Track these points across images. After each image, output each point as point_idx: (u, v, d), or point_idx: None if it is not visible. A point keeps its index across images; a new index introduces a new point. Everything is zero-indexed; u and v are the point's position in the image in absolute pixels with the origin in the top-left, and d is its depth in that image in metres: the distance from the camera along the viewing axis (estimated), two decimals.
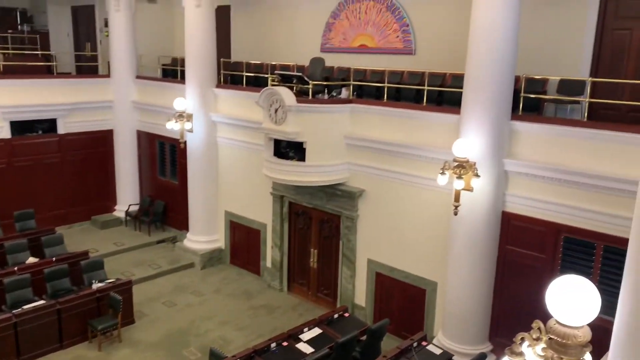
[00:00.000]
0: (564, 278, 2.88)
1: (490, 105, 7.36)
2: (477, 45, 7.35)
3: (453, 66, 9.45)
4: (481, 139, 7.46)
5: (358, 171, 9.62)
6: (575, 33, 8.54)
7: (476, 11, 7.33)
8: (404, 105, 9.12)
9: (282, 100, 9.39)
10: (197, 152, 12.26)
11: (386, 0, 10.97)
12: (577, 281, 2.83)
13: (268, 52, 13.25)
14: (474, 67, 7.42)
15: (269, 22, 13.44)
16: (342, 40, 11.96)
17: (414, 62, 10.62)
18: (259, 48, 13.64)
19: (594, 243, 7.23)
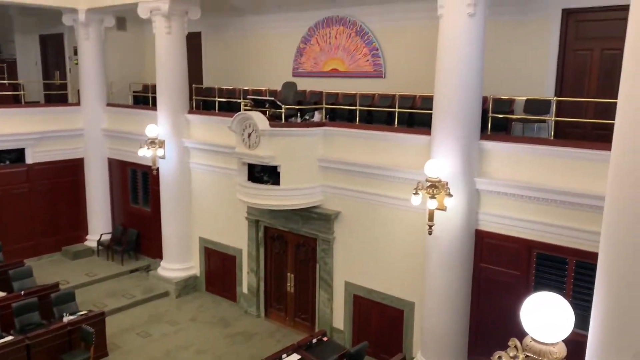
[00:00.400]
0: (537, 295, 2.91)
1: (459, 126, 7.49)
2: (444, 68, 7.51)
3: (422, 88, 9.62)
4: (452, 158, 7.56)
5: (333, 193, 9.64)
6: (539, 54, 8.81)
7: (442, 35, 7.51)
8: (375, 128, 9.22)
9: (255, 124, 9.39)
10: (169, 179, 12.13)
11: (355, 26, 11.18)
12: (550, 298, 2.86)
13: (240, 77, 13.30)
14: (442, 89, 7.56)
15: (240, 48, 13.52)
16: (313, 65, 12.09)
17: (385, 85, 10.79)
18: (231, 73, 13.68)
19: (565, 258, 7.34)
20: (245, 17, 13.21)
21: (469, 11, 7.20)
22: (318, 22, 11.80)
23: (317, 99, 10.96)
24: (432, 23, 8.22)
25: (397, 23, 10.60)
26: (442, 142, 7.62)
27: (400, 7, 10.42)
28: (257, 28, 13.08)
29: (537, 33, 8.80)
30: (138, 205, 14.01)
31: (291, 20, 12.28)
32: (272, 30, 12.80)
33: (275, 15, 12.57)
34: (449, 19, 7.41)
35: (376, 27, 10.93)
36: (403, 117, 9.43)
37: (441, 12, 7.45)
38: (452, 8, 7.33)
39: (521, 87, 8.82)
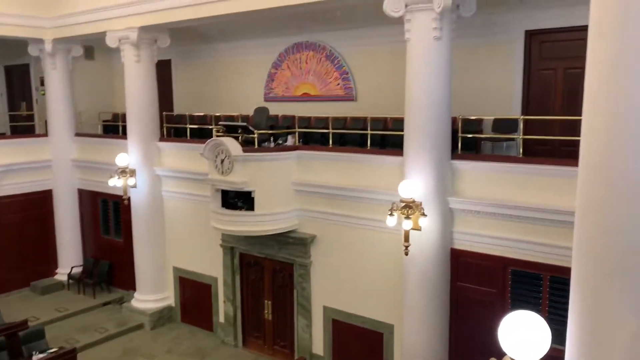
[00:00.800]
0: (514, 315, 2.92)
1: (430, 146, 7.58)
2: (413, 90, 7.63)
3: (393, 110, 9.74)
4: (425, 179, 7.63)
5: (308, 217, 9.60)
6: (505, 75, 9.04)
7: (410, 59, 7.65)
8: (349, 150, 9.28)
9: (227, 150, 9.35)
10: (141, 208, 11.94)
11: (325, 50, 11.31)
12: (526, 317, 2.87)
13: (211, 104, 13.29)
14: (412, 111, 7.67)
15: (211, 74, 13.53)
16: (285, 90, 12.16)
17: (356, 108, 10.90)
18: (202, 100, 13.65)
19: (540, 274, 7.42)
20: (215, 44, 13.26)
21: (435, 35, 7.36)
22: (288, 47, 11.91)
23: (289, 123, 10.99)
24: (400, 47, 8.37)
25: (366, 47, 10.77)
26: (414, 162, 7.69)
27: (368, 32, 10.61)
28: (227, 54, 13.12)
29: (503, 54, 9.04)
30: (110, 236, 13.71)
31: (261, 46, 12.38)
32: (243, 56, 12.86)
33: (244, 42, 12.65)
34: (416, 43, 7.55)
35: (345, 51, 11.09)
36: (375, 139, 9.51)
37: (408, 36, 7.60)
38: (419, 32, 7.49)
39: (489, 107, 9.01)
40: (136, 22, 11.13)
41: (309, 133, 10.52)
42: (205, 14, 9.91)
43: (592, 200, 3.28)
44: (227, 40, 12.94)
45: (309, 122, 11.12)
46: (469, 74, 9.32)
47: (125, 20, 11.30)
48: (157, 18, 10.77)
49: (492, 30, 9.10)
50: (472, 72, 9.32)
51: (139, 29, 11.15)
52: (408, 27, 7.57)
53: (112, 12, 11.47)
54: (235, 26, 12.00)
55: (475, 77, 9.31)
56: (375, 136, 9.47)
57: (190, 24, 10.82)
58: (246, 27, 12.07)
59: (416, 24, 7.48)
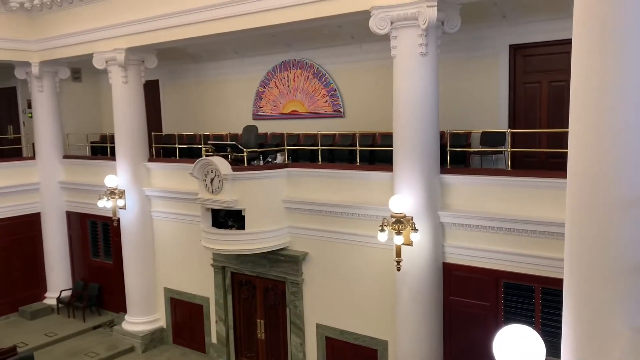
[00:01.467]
0: (507, 330, 2.91)
1: (419, 161, 7.62)
2: (400, 106, 7.68)
3: (382, 126, 9.80)
4: (415, 193, 7.65)
5: (300, 234, 9.56)
6: (491, 89, 9.14)
7: (397, 75, 7.71)
8: (338, 166, 9.30)
9: (217, 169, 9.32)
10: (131, 229, 11.83)
11: (312, 68, 11.38)
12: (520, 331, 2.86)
13: (200, 123, 13.29)
14: (400, 127, 7.71)
15: (200, 94, 13.55)
16: (273, 108, 12.19)
17: (344, 124, 10.95)
18: (190, 119, 13.65)
19: (532, 286, 7.42)
20: (203, 64, 13.29)
21: (421, 51, 7.43)
22: (276, 65, 11.97)
23: (278, 141, 11.00)
24: (387, 63, 8.45)
25: (353, 64, 10.85)
26: (404, 177, 7.72)
27: (355, 49, 10.70)
28: (215, 74, 13.16)
29: (488, 68, 9.14)
30: (99, 259, 13.56)
31: (249, 65, 12.43)
32: (231, 75, 12.90)
33: (232, 61, 12.70)
34: (402, 59, 7.63)
35: (333, 68, 11.16)
36: (364, 155, 9.54)
37: (394, 52, 7.67)
38: (405, 49, 7.57)
39: (477, 121, 9.08)
40: (123, 43, 11.15)
41: (298, 150, 10.54)
42: (192, 34, 9.96)
43: (580, 211, 3.29)
44: (215, 60, 12.99)
45: (297, 139, 11.14)
46: (456, 89, 9.40)
47: (112, 41, 11.31)
48: (144, 39, 10.80)
49: (477, 45, 9.21)
50: (459, 87, 9.41)
51: (125, 50, 11.16)
52: (394, 44, 7.64)
53: (99, 34, 11.49)
54: (222, 46, 12.08)
55: (462, 91, 9.40)
56: (364, 152, 9.50)
57: (177, 44, 10.87)
58: (233, 47, 12.14)
59: (402, 40, 7.56)
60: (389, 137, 8.64)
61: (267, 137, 11.66)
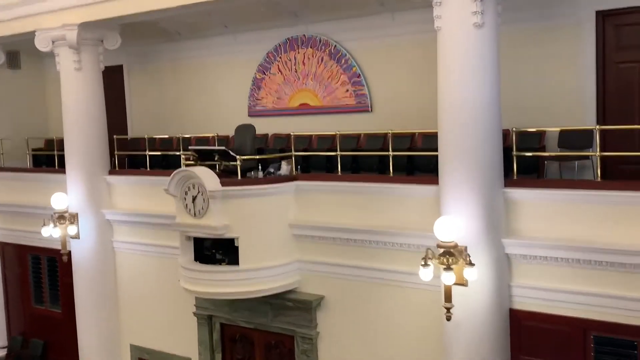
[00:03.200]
0: None
1: (475, 170, 7.55)
2: (448, 96, 7.64)
3: (423, 123, 9.78)
4: (470, 214, 7.58)
5: (312, 271, 9.55)
6: (572, 71, 9.07)
7: (442, 54, 7.69)
8: (364, 178, 9.28)
9: (201, 184, 9.36)
10: (86, 266, 11.89)
11: (328, 46, 11.43)
12: None
13: (179, 122, 13.39)
14: (448, 124, 7.67)
15: (177, 83, 13.66)
16: (276, 100, 12.25)
17: (373, 121, 10.95)
18: (165, 117, 13.76)
19: (633, 341, 7.31)
20: (182, 43, 13.42)
21: (475, 21, 7.41)
22: (279, 44, 12.05)
23: (283, 145, 11.03)
24: (429, 38, 8.44)
25: (383, 40, 10.87)
26: (454, 192, 7.66)
27: (385, 20, 10.73)
28: (198, 56, 13.28)
29: (567, 44, 9.09)
30: (44, 306, 13.64)
31: (243, 43, 12.53)
32: (219, 57, 13.01)
33: (221, 39, 12.81)
34: (449, 32, 7.60)
35: (356, 46, 11.19)
36: (400, 163, 9.50)
37: (438, 24, 7.66)
38: (452, 18, 7.54)
39: (552, 115, 9.01)
40: (74, 17, 11.24)
41: (309, 157, 10.56)
42: (167, 2, 10.05)
43: None
44: (198, 37, 13.10)
45: (309, 142, 11.16)
46: (524, 72, 9.35)
47: (60, 15, 11.40)
48: (103, 11, 10.87)
49: (552, 12, 9.17)
50: (528, 69, 9.35)
51: (78, 26, 11.28)
52: (438, 13, 7.63)
53: (43, 5, 11.60)
54: (207, 18, 12.15)
55: (532, 75, 9.34)
56: (399, 158, 9.47)
57: (147, 17, 10.96)
58: (222, 19, 12.22)
59: (449, 7, 7.54)
60: (432, 138, 8.60)
61: (268, 140, 11.68)
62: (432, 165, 8.49)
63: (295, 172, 9.92)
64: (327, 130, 10.93)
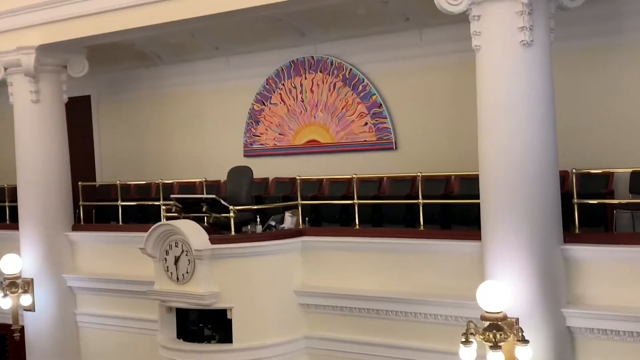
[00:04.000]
0: None
1: (526, 222, 7.46)
2: (490, 130, 7.62)
3: (460, 163, 9.75)
4: (521, 278, 7.47)
5: (325, 351, 9.44)
6: None
7: (482, 79, 7.69)
8: (388, 233, 9.27)
9: (185, 241, 9.32)
10: (43, 345, 11.75)
11: (341, 70, 11.46)
12: None
13: (158, 165, 13.43)
14: (493, 163, 7.61)
15: (158, 117, 13.72)
16: (277, 137, 12.25)
17: (398, 161, 10.94)
18: (142, 159, 13.80)
19: None
20: (163, 69, 13.53)
21: (522, 39, 7.40)
22: (282, 68, 12.11)
23: (287, 192, 11.02)
24: (465, 59, 8.46)
25: (410, 62, 10.90)
26: (501, 250, 7.58)
27: (411, 37, 10.76)
28: (183, 83, 13.36)
29: (636, 63, 9.07)
30: None
31: (238, 68, 12.63)
32: (208, 85, 13.10)
33: (211, 63, 12.92)
34: (490, 52, 7.61)
35: (375, 70, 11.22)
36: (432, 213, 9.43)
37: (477, 42, 7.66)
38: (494, 35, 7.55)
39: (621, 153, 8.95)
40: (32, 38, 11.35)
41: (320, 207, 10.55)
42: (144, 20, 10.14)
43: None
44: (182, 61, 13.22)
45: (319, 188, 11.15)
46: (584, 100, 9.33)
47: (14, 36, 11.52)
48: (67, 30, 10.99)
49: (618, 26, 9.16)
50: (590, 97, 9.34)
51: (36, 50, 11.38)
52: (477, 28, 7.64)
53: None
54: (193, 39, 12.25)
55: (594, 104, 9.32)
56: (432, 207, 9.41)
57: (120, 37, 11.07)
58: (212, 40, 12.31)
59: (490, 22, 7.55)
60: (472, 182, 8.55)
61: (269, 186, 11.67)
62: (472, 216, 8.46)
63: (302, 226, 9.91)
64: (341, 172, 10.94)
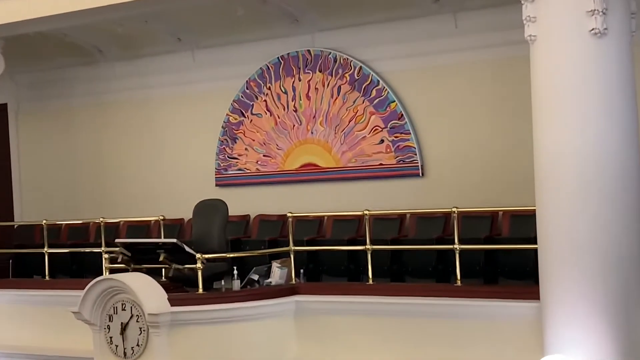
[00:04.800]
0: None
1: (601, 273, 7.45)
2: (552, 145, 7.62)
3: (509, 194, 9.83)
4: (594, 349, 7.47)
5: None
6: None
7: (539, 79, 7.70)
8: (413, 290, 9.28)
9: (136, 303, 9.30)
10: None
11: (348, 70, 11.49)
12: None
13: (98, 199, 13.46)
14: (554, 193, 7.62)
15: (98, 134, 13.75)
16: (262, 159, 12.25)
17: (425, 191, 10.99)
18: (77, 190, 13.83)
19: None
20: (105, 66, 13.59)
21: (593, 26, 7.43)
22: (267, 66, 12.16)
23: (275, 234, 11.07)
24: (515, 54, 8.50)
25: (442, 59, 10.94)
26: (566, 312, 7.56)
27: (443, 25, 10.79)
28: (133, 86, 13.44)
29: None
30: None
31: (207, 66, 12.68)
32: (166, 89, 13.15)
33: (170, 60, 13.01)
34: (549, 43, 7.62)
35: (395, 69, 11.27)
36: (472, 262, 9.44)
37: (532, 31, 7.68)
38: (555, 22, 7.57)
39: None
40: None
41: (320, 254, 10.57)
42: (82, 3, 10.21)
43: None
44: (132, 57, 13.32)
45: (318, 228, 11.18)
46: None
47: None
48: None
49: None
50: None
51: None
52: (531, 13, 7.66)
53: None
54: (147, 26, 12.29)
55: None
56: (471, 255, 9.41)
57: (48, 25, 11.15)
58: (171, 26, 12.36)
59: (549, 4, 7.61)
60: (526, 220, 8.60)
61: (250, 226, 11.68)
62: (527, 266, 8.51)
63: (296, 281, 9.91)
64: (348, 208, 10.95)
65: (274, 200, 11.85)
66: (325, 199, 11.54)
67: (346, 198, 11.31)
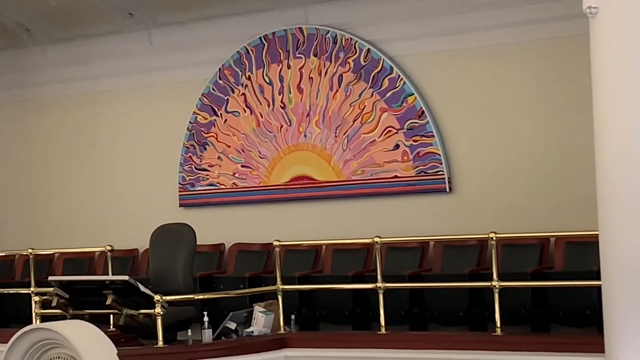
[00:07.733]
0: None
1: None
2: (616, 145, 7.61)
3: (561, 216, 9.84)
4: None
5: None
6: None
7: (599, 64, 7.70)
8: (440, 341, 9.26)
9: None
10: None
11: (353, 52, 11.47)
12: None
13: (26, 226, 13.49)
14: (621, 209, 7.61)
15: (26, 139, 13.76)
16: (240, 171, 12.25)
17: (454, 211, 10.98)
18: (2, 211, 13.80)
19: None
20: (34, 52, 13.65)
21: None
22: (246, 49, 12.18)
23: (257, 269, 11.07)
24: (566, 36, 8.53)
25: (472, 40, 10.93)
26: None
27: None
28: (71, 78, 13.48)
29: None
30: None
31: (167, 50, 12.71)
32: (117, 80, 13.18)
33: (120, 42, 13.03)
34: (613, 18, 7.62)
35: (413, 52, 11.27)
36: (516, 304, 9.46)
37: (592, 2, 7.68)
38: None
39: None
40: None
41: (316, 295, 10.59)
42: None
43: None
44: (69, 39, 13.34)
45: (314, 261, 11.19)
46: None
47: None
48: None
49: None
50: None
51: None
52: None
53: None
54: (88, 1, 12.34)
55: None
56: (514, 294, 9.42)
57: None
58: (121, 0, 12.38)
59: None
60: (584, 248, 8.60)
61: (225, 259, 11.66)
62: (587, 309, 8.49)
63: (285, 330, 9.92)
64: (353, 234, 10.97)
65: (255, 225, 11.84)
66: (322, 223, 11.52)
67: (350, 221, 11.29)
